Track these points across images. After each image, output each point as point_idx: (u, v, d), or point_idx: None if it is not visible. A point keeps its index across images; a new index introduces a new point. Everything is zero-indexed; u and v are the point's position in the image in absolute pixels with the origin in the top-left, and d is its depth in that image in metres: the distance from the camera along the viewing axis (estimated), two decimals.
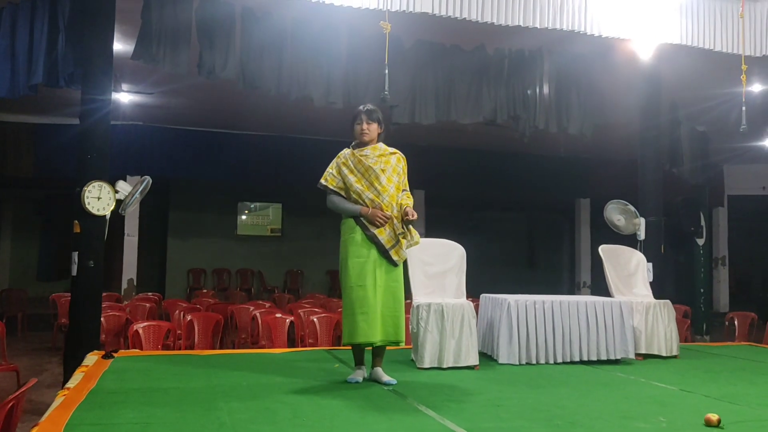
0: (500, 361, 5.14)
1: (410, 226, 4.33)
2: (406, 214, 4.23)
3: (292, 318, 7.18)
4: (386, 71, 5.04)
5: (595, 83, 8.02)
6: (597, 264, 12.72)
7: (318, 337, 6.97)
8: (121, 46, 6.98)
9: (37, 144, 11.45)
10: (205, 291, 12.06)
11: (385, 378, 4.25)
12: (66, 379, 4.88)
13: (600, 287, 6.39)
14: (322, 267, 15.54)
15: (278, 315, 7.29)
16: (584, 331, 5.34)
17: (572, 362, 5.27)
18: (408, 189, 4.45)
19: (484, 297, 5.66)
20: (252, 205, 16.50)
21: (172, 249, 14.93)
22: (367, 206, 4.24)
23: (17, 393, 3.39)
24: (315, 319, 7.18)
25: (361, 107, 4.46)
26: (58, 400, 3.49)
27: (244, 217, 16.29)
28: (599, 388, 4.50)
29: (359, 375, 4.30)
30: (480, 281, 5.81)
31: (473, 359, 4.91)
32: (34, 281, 14.86)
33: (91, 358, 4.74)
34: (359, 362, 4.38)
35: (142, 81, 9.45)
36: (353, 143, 4.45)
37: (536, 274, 17.36)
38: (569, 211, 16.57)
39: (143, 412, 3.39)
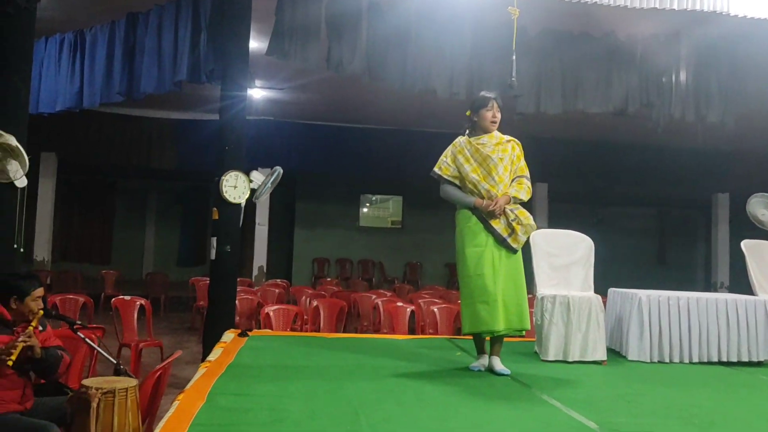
0: (629, 358, 4.94)
1: (521, 209, 4.20)
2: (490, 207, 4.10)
3: (413, 307, 7.27)
4: (513, 57, 4.96)
5: (738, 68, 7.48)
6: (736, 263, 11.86)
7: (438, 327, 7.02)
8: (255, 43, 7.35)
9: (179, 138, 12.32)
10: (328, 279, 12.48)
11: (499, 367, 4.16)
12: (204, 356, 5.23)
13: (740, 288, 5.95)
14: (441, 260, 15.59)
15: (399, 304, 7.41)
16: (723, 330, 5.01)
17: (710, 362, 4.95)
18: (525, 174, 4.30)
19: (613, 291, 5.46)
20: (374, 198, 16.85)
21: (299, 239, 15.56)
22: (482, 197, 4.17)
23: (164, 363, 3.69)
24: (435, 309, 7.23)
25: (487, 93, 4.32)
26: (201, 371, 3.76)
27: (365, 209, 16.67)
28: (740, 389, 4.23)
29: (482, 363, 4.28)
30: (605, 279, 5.58)
31: (601, 354, 4.75)
32: (175, 266, 16.01)
33: (229, 336, 5.05)
34: (481, 351, 4.35)
35: (273, 77, 9.91)
36: (468, 131, 4.33)
37: (667, 273, 16.44)
38: (705, 206, 15.57)
39: (277, 386, 3.58)
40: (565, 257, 5.15)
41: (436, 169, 4.34)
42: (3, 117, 4.96)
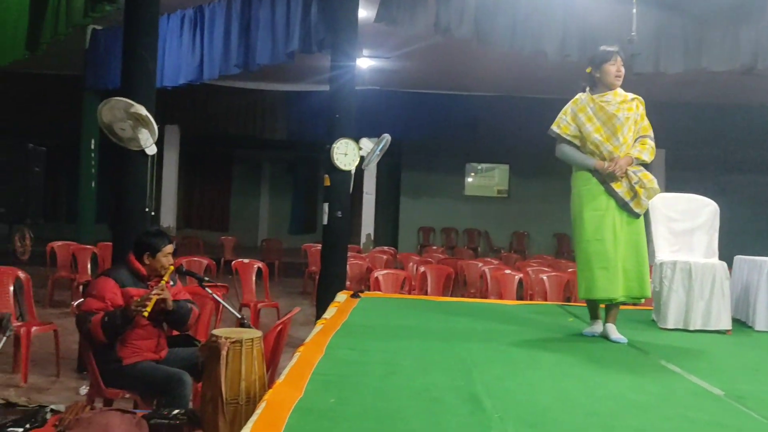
0: (757, 328, 4.66)
1: (644, 171, 3.98)
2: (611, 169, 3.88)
3: (521, 275, 7.19)
4: (634, 10, 4.69)
5: None
6: None
7: (547, 295, 6.91)
8: (364, 12, 7.41)
9: (290, 109, 12.72)
10: (434, 248, 12.56)
11: (615, 335, 4.00)
12: (318, 317, 5.44)
13: None
14: (549, 229, 15.26)
15: (507, 271, 7.36)
16: None
17: None
18: (649, 133, 4.05)
19: (739, 259, 5.15)
20: (479, 167, 16.69)
21: (404, 207, 15.72)
22: (605, 159, 3.96)
23: (285, 318, 3.89)
24: (544, 277, 7.13)
25: (609, 47, 4.06)
26: (319, 327, 3.92)
27: (471, 178, 16.55)
28: None
29: (597, 328, 4.18)
30: (727, 250, 5.25)
31: (725, 323, 4.51)
32: (287, 234, 16.65)
33: (342, 297, 5.23)
34: (595, 316, 4.23)
35: (380, 46, 9.98)
36: (588, 89, 4.09)
37: None
38: None
39: (391, 343, 3.68)
40: (687, 222, 4.91)
41: (554, 127, 4.11)
42: (133, 89, 5.33)
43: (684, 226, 4.87)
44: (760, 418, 2.57)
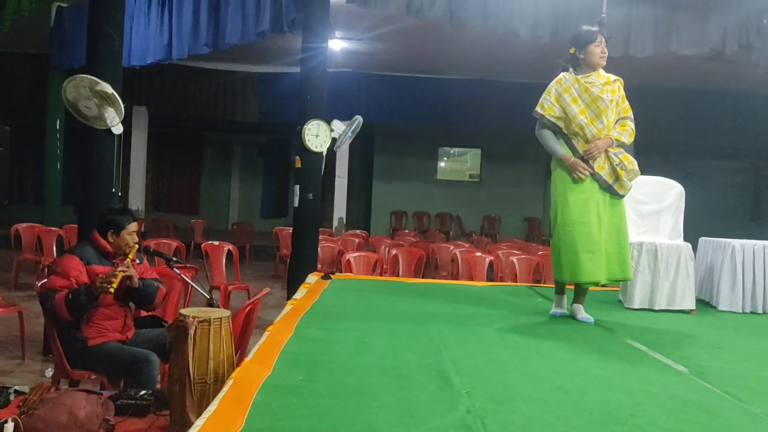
0: (720, 308, 4.77)
1: (624, 153, 4.00)
2: (588, 150, 3.90)
3: (492, 258, 7.24)
4: None
5: None
6: None
7: (517, 277, 6.98)
8: None
9: (261, 91, 12.57)
10: (406, 231, 12.59)
11: (582, 315, 4.06)
12: (289, 299, 5.41)
13: None
14: (520, 213, 15.39)
15: (478, 254, 7.40)
16: None
17: None
18: (629, 115, 4.05)
19: (704, 240, 5.25)
20: (452, 151, 16.73)
21: (377, 191, 15.70)
22: (588, 141, 3.92)
23: (254, 298, 3.86)
24: (515, 260, 7.19)
25: (590, 27, 4.05)
26: (288, 307, 3.91)
27: (443, 162, 16.59)
28: None
29: (562, 306, 4.22)
30: (694, 233, 5.35)
31: (689, 303, 4.60)
32: (258, 217, 16.53)
33: (313, 278, 5.21)
34: (561, 291, 4.24)
35: (352, 27, 9.89)
36: (569, 68, 4.05)
37: (762, 229, 15.61)
38: None
39: (360, 324, 3.68)
40: (653, 204, 4.99)
41: (538, 108, 4.03)
42: (99, 66, 5.21)
43: (650, 208, 4.95)
44: (721, 393, 2.63)
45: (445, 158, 16.71)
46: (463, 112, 13.17)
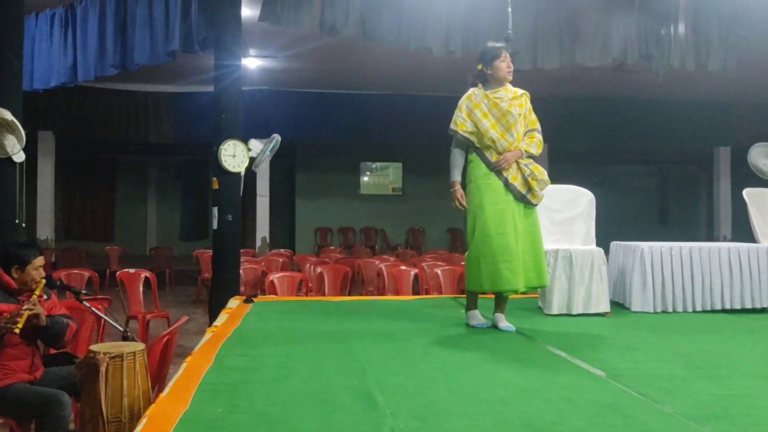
0: (633, 309, 4.97)
1: (534, 164, 4.12)
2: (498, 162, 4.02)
3: (416, 270, 7.30)
4: (509, 9, 4.87)
5: (739, 13, 7.35)
6: (738, 217, 11.81)
7: (442, 289, 7.05)
8: (248, 10, 7.25)
9: (175, 111, 12.25)
10: (332, 248, 12.52)
11: (504, 324, 4.14)
12: (211, 325, 5.26)
13: (742, 241, 5.95)
14: (443, 225, 15.62)
15: (403, 267, 7.44)
16: (726, 278, 5.03)
17: (713, 311, 4.99)
18: (537, 127, 4.19)
19: (615, 244, 5.46)
20: (374, 165, 16.80)
21: (300, 209, 15.57)
22: (500, 153, 4.02)
23: (172, 328, 3.72)
24: (439, 272, 7.26)
25: (496, 43, 4.18)
26: (208, 336, 3.79)
27: (366, 177, 16.64)
28: (745, 335, 4.26)
29: (480, 318, 4.26)
30: (606, 237, 5.58)
31: (604, 306, 4.77)
32: (178, 241, 16.05)
33: (234, 302, 5.08)
34: (474, 306, 4.32)
35: (268, 45, 9.81)
36: (478, 83, 4.15)
37: (669, 231, 16.45)
38: (707, 161, 15.49)
39: (284, 347, 3.61)
40: (566, 212, 5.15)
41: (452, 125, 4.14)
42: None
43: (563, 216, 5.11)
44: (636, 395, 2.72)
45: (368, 172, 16.77)
46: (382, 127, 13.26)
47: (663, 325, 4.51)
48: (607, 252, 5.27)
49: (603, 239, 5.16)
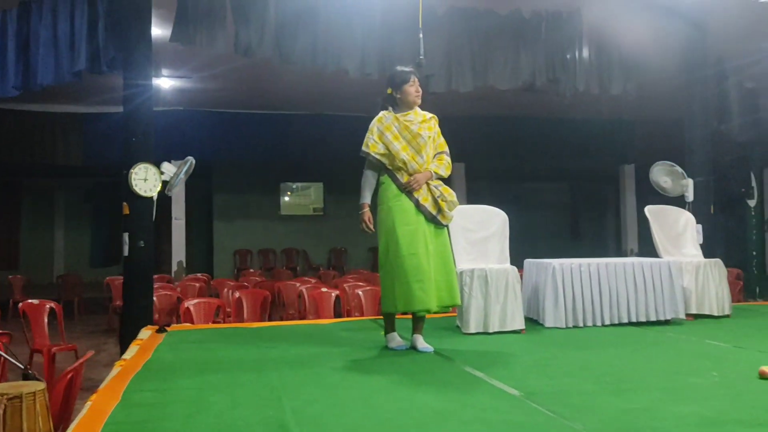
0: (546, 325, 5.12)
1: (444, 186, 4.22)
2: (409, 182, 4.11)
3: (338, 292, 7.26)
4: (420, 35, 4.97)
5: (637, 40, 7.79)
6: (644, 231, 12.43)
7: (363, 309, 7.05)
8: (159, 30, 7.07)
9: (84, 133, 11.76)
10: (252, 271, 12.29)
11: (422, 345, 4.18)
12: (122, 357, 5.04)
13: (648, 254, 6.27)
14: (365, 244, 15.63)
15: (324, 289, 7.38)
16: (632, 292, 5.27)
17: (620, 324, 5.21)
18: (445, 150, 4.29)
19: (529, 262, 5.63)
20: (294, 186, 16.66)
21: (219, 231, 15.23)
22: (411, 175, 4.10)
23: (76, 364, 3.53)
24: (360, 293, 7.25)
25: (404, 68, 4.26)
26: (116, 370, 3.62)
27: (286, 197, 16.48)
28: (649, 347, 4.45)
29: (399, 340, 4.28)
30: (521, 254, 5.76)
31: (519, 323, 4.90)
32: (88, 267, 15.36)
33: (146, 333, 4.89)
34: (392, 329, 4.34)
35: (181, 66, 9.59)
36: (389, 109, 4.24)
37: (580, 245, 17.13)
38: (613, 178, 16.23)
39: (198, 379, 3.49)
40: (481, 232, 5.27)
41: (363, 147, 4.20)
42: None
43: (479, 236, 5.22)
44: (549, 413, 2.79)
45: (289, 193, 16.61)
46: (302, 147, 13.17)
47: (573, 340, 4.66)
48: (521, 269, 5.41)
49: (518, 256, 5.31)
